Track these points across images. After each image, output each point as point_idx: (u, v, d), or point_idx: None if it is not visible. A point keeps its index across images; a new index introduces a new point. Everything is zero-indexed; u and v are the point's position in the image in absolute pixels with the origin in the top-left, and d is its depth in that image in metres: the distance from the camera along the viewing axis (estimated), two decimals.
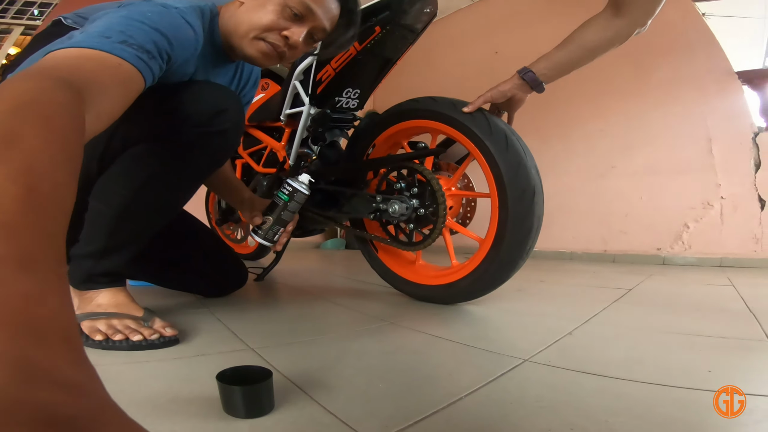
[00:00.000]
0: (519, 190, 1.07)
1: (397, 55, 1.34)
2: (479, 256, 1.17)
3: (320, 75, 1.32)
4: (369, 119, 1.41)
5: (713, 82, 2.75)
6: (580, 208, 3.21)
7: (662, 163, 2.92)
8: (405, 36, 1.26)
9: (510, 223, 1.08)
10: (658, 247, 2.89)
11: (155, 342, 0.79)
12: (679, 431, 0.49)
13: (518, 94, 1.13)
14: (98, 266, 0.88)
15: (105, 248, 0.88)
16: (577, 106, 3.19)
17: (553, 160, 3.28)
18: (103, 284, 0.89)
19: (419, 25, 1.25)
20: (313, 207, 1.42)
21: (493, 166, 1.10)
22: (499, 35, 3.82)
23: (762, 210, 2.57)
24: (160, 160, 0.87)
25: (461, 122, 1.14)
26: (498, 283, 1.16)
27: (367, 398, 0.57)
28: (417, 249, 1.25)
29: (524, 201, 1.07)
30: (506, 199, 1.09)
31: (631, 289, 1.63)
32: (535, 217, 1.08)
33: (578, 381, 0.66)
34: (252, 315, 1.11)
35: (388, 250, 1.45)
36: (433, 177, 1.17)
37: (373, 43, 1.21)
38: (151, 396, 0.56)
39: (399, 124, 1.31)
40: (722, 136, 2.74)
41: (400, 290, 1.40)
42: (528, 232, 1.08)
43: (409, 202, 1.20)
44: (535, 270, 2.37)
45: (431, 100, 1.22)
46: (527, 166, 1.08)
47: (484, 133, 1.11)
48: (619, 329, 0.99)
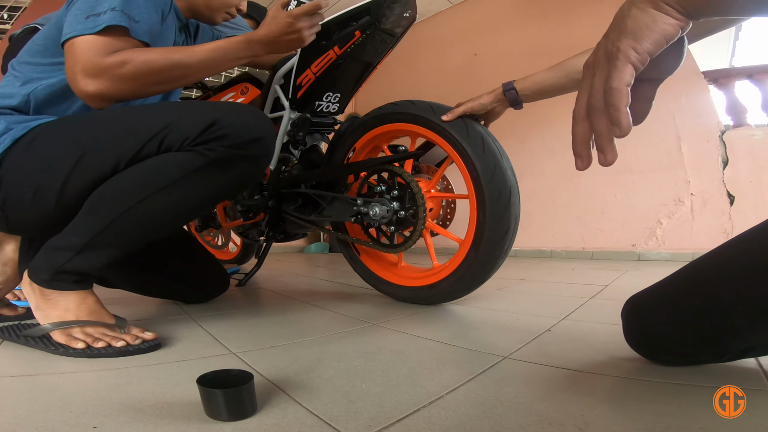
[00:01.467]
0: (496, 191, 1.09)
1: (377, 59, 1.35)
2: (459, 256, 1.19)
3: (300, 79, 1.32)
4: (349, 123, 1.41)
5: (680, 81, 2.84)
6: (557, 206, 3.28)
7: (634, 162, 3.00)
8: (385, 40, 1.27)
9: (488, 224, 1.10)
10: (633, 243, 2.97)
11: (141, 347, 0.78)
12: (656, 425, 0.50)
13: (497, 108, 1.15)
14: (72, 262, 0.81)
15: (87, 244, 0.81)
16: (550, 104, 3.25)
17: (530, 160, 3.35)
18: (70, 284, 0.83)
19: (399, 30, 1.27)
20: (294, 212, 1.41)
21: (470, 167, 1.12)
22: (478, 38, 3.87)
23: (731, 205, 2.66)
24: (184, 172, 0.84)
25: (439, 125, 1.16)
26: (479, 282, 1.18)
27: (349, 398, 0.58)
28: (398, 251, 1.26)
29: (501, 201, 1.09)
30: (484, 200, 1.11)
31: (607, 285, 1.68)
32: (512, 216, 1.10)
33: (556, 377, 0.67)
34: (233, 320, 1.10)
35: (371, 254, 1.46)
36: (413, 179, 1.19)
37: (353, 48, 1.22)
38: (132, 401, 0.56)
39: (379, 127, 1.32)
40: (690, 135, 2.83)
41: (383, 292, 1.41)
42: (506, 232, 1.10)
43: (389, 204, 1.21)
44: (515, 268, 2.41)
45: (410, 104, 1.24)
46: (503, 168, 1.10)
47: (462, 136, 1.13)
48: (596, 325, 1.02)
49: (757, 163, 2.61)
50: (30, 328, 0.83)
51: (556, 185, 3.29)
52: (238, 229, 1.73)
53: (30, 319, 1.01)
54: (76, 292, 0.83)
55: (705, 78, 2.81)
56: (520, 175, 1.17)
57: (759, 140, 2.62)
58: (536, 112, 3.49)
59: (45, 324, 0.81)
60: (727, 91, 2.83)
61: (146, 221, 0.85)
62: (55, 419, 0.50)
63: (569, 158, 1.73)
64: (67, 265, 0.81)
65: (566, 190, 3.25)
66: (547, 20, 3.43)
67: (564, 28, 3.28)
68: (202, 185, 0.86)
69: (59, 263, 0.81)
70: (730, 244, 0.64)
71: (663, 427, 0.48)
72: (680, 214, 2.81)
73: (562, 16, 3.34)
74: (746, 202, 2.61)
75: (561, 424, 0.50)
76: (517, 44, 3.55)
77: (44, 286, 0.82)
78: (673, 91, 2.85)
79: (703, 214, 2.74)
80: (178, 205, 0.87)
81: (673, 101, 2.85)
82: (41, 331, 0.80)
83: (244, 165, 0.88)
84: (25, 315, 1.04)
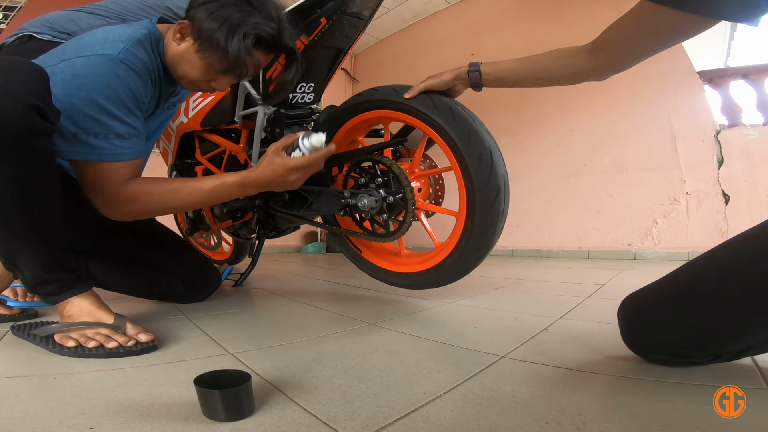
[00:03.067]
0: (476, 154, 1.08)
1: (348, 44, 1.32)
2: (457, 229, 1.18)
3: (270, 72, 1.28)
4: (327, 113, 1.40)
5: (676, 81, 2.85)
6: (554, 206, 3.29)
7: (630, 161, 3.01)
8: (353, 24, 1.24)
9: (477, 189, 1.10)
10: (629, 242, 2.98)
11: (133, 349, 0.78)
12: (653, 424, 0.51)
13: (458, 86, 1.15)
14: (25, 277, 0.84)
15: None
16: (548, 106, 3.26)
17: (526, 160, 3.35)
18: (56, 295, 0.85)
19: (366, 12, 1.24)
20: (282, 208, 1.40)
21: (445, 137, 1.12)
22: (475, 38, 3.89)
23: (726, 204, 2.67)
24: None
25: (405, 105, 1.15)
26: (483, 251, 1.16)
27: (347, 398, 0.58)
28: (396, 237, 1.25)
29: (484, 164, 1.08)
30: (467, 166, 1.10)
31: (604, 284, 1.68)
32: (499, 177, 1.09)
33: (553, 376, 0.68)
34: (231, 320, 1.10)
35: (372, 248, 1.45)
36: (394, 162, 1.18)
37: (320, 36, 1.19)
38: (129, 402, 0.56)
39: (350, 120, 1.32)
40: (686, 134, 2.84)
41: (392, 284, 1.40)
42: (497, 193, 1.09)
43: (377, 194, 1.21)
44: (512, 268, 2.42)
45: (373, 91, 1.23)
46: (478, 131, 1.09)
47: (429, 109, 1.12)
48: (593, 324, 1.02)
49: (752, 162, 2.62)
50: (38, 327, 0.85)
51: (553, 185, 3.30)
52: (229, 229, 1.71)
53: (34, 319, 1.04)
54: (73, 298, 0.86)
55: (700, 78, 2.82)
56: (517, 175, 1.18)
57: (754, 140, 2.64)
58: (533, 112, 3.50)
59: (50, 326, 0.83)
60: (723, 91, 2.84)
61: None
62: (51, 420, 0.50)
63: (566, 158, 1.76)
64: (27, 282, 0.84)
65: (562, 189, 3.26)
66: (544, 20, 3.44)
67: (560, 28, 3.29)
68: None
69: (27, 284, 0.85)
70: (728, 245, 0.64)
71: (660, 426, 0.49)
72: (676, 213, 2.82)
73: (558, 16, 3.35)
74: (741, 201, 2.63)
75: (558, 422, 0.50)
76: (514, 44, 3.56)
77: (48, 302, 0.86)
78: (669, 90, 2.86)
79: (698, 213, 2.75)
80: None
81: (669, 101, 2.87)
82: (45, 331, 0.82)
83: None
84: (20, 315, 1.04)
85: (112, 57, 0.81)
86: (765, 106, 2.73)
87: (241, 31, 0.84)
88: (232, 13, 0.84)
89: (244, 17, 0.85)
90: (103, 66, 0.80)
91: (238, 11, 0.85)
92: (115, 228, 1.12)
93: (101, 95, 0.80)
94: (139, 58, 0.86)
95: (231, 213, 1.48)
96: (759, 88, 2.77)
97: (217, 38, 0.84)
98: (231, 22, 0.84)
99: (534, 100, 3.32)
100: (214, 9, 0.85)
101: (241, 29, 0.84)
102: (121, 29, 0.88)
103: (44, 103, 0.71)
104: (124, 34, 0.86)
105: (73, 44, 0.84)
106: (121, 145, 0.85)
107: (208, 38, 0.85)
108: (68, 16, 1.30)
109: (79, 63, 0.80)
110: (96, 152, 0.82)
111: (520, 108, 3.39)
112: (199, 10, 0.86)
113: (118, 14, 1.49)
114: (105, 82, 0.80)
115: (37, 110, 0.69)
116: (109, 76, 0.81)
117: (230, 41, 0.84)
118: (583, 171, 3.18)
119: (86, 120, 0.79)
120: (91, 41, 0.83)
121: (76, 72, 0.79)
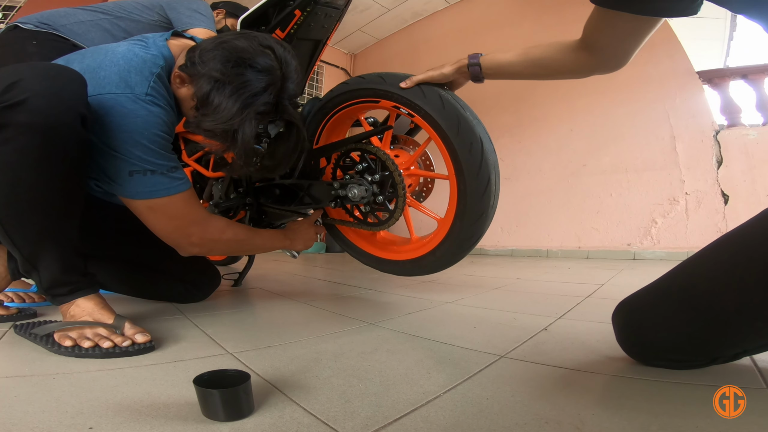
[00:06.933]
0: (466, 142, 1.08)
1: (326, 34, 1.31)
2: (449, 213, 1.18)
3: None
4: (311, 105, 1.39)
5: (675, 81, 2.85)
6: (553, 206, 3.29)
7: (629, 161, 3.02)
8: (329, 14, 1.23)
9: (468, 177, 1.09)
10: (629, 242, 2.99)
11: (129, 349, 0.78)
12: (652, 424, 0.51)
13: (460, 79, 1.15)
14: (42, 279, 0.83)
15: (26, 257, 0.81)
16: (548, 106, 3.27)
17: (526, 160, 3.35)
18: (67, 296, 0.85)
19: (341, 1, 1.23)
20: (274, 204, 1.40)
21: (434, 126, 1.11)
22: (475, 38, 3.89)
23: (726, 204, 2.68)
24: None
25: (395, 93, 1.15)
26: (477, 233, 1.16)
27: (346, 398, 0.58)
28: (388, 225, 1.25)
29: (474, 152, 1.08)
30: (457, 155, 1.10)
31: (603, 284, 1.68)
32: (490, 165, 1.09)
33: (552, 375, 0.68)
34: (230, 320, 1.10)
35: (374, 242, 1.45)
36: (377, 148, 1.17)
37: (296, 28, 1.19)
38: (129, 402, 0.56)
39: (338, 108, 1.31)
40: (685, 134, 2.84)
41: (399, 274, 1.40)
42: (487, 181, 1.09)
43: (366, 182, 1.21)
44: (511, 268, 2.42)
45: (360, 79, 1.23)
46: (467, 119, 1.09)
47: (418, 97, 1.12)
48: (593, 324, 1.02)
49: (751, 162, 2.62)
50: (38, 326, 0.85)
51: (552, 185, 3.30)
52: None
53: (36, 318, 1.04)
54: (78, 299, 0.86)
55: (699, 78, 2.82)
56: (517, 175, 1.18)
57: (753, 140, 2.64)
58: (533, 112, 3.51)
59: (50, 324, 0.84)
60: (722, 91, 2.84)
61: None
62: (50, 420, 0.50)
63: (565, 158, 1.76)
64: (42, 283, 0.84)
65: (562, 189, 3.26)
66: (544, 20, 3.44)
67: (559, 27, 3.29)
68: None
69: (42, 285, 0.84)
70: (721, 246, 0.64)
71: (659, 426, 0.49)
72: (675, 213, 2.83)
73: (557, 16, 3.35)
74: (740, 201, 2.63)
75: (558, 422, 0.50)
76: (513, 44, 3.54)
77: (56, 303, 0.86)
78: (668, 91, 2.86)
79: (697, 213, 2.75)
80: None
81: (668, 101, 2.87)
82: (45, 330, 0.82)
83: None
84: (17, 315, 1.04)
85: (139, 96, 0.84)
86: (764, 106, 2.73)
87: (241, 123, 0.84)
88: (231, 93, 0.83)
89: (243, 105, 0.83)
90: (137, 107, 0.84)
91: (236, 90, 0.83)
92: (115, 229, 1.12)
93: (143, 137, 0.85)
94: (164, 97, 0.89)
95: (223, 212, 1.48)
96: (758, 88, 2.77)
97: (215, 130, 0.84)
98: (229, 113, 0.83)
99: (534, 100, 3.32)
100: (215, 84, 0.84)
101: (241, 121, 0.83)
102: (140, 59, 0.87)
103: (88, 111, 0.75)
104: (145, 68, 0.87)
105: (91, 73, 0.82)
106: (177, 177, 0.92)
107: (205, 121, 0.85)
108: (62, 11, 1.30)
109: (109, 102, 0.82)
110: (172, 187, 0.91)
111: (520, 108, 3.39)
112: (199, 72, 0.85)
113: (112, 12, 1.49)
114: (143, 123, 0.84)
115: (82, 118, 0.74)
116: (147, 116, 0.85)
117: (228, 137, 0.85)
118: (583, 171, 3.18)
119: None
120: (113, 75, 0.83)
121: (109, 112, 0.82)
